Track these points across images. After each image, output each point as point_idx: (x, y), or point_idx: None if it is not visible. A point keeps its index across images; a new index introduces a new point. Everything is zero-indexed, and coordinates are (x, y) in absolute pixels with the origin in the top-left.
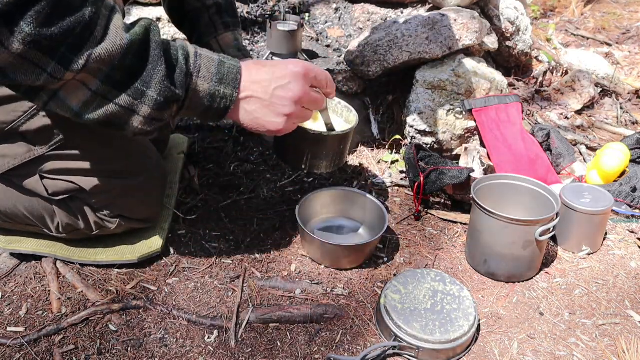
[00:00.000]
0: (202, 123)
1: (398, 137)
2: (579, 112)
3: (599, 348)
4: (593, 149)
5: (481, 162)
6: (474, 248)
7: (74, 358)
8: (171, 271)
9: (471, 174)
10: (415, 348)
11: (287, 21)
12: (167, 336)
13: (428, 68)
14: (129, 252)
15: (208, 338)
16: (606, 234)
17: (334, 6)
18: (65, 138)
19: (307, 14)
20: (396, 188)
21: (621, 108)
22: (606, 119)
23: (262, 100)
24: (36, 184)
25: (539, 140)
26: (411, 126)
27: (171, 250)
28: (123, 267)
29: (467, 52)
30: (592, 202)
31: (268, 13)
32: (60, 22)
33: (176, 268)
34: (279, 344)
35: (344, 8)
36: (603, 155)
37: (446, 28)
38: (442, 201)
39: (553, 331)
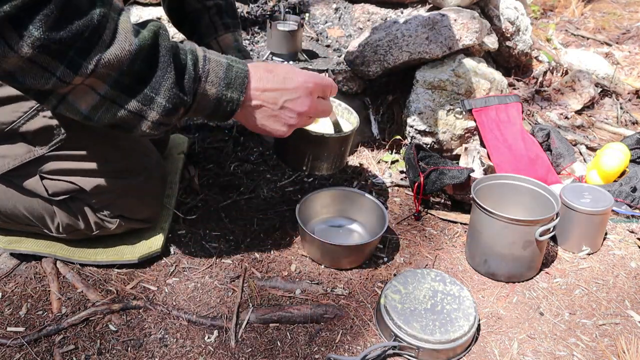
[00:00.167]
0: (202, 123)
1: (398, 137)
2: (579, 112)
3: (599, 348)
4: (593, 149)
5: (481, 162)
6: (474, 248)
7: (74, 358)
8: (171, 271)
9: (471, 174)
10: (415, 348)
11: (287, 21)
12: (167, 336)
13: (428, 68)
14: (129, 252)
15: (208, 338)
16: (606, 234)
17: (334, 6)
18: (65, 138)
19: (307, 14)
20: (396, 188)
21: (621, 108)
22: (606, 119)
23: (271, 110)
24: (36, 185)
25: (539, 140)
26: (411, 126)
27: (171, 250)
28: (123, 267)
29: (467, 52)
30: (592, 202)
31: (268, 13)
32: (69, 26)
33: (176, 268)
34: (279, 344)
35: (344, 8)
36: (603, 155)
37: (446, 28)
38: (442, 201)
39: (553, 331)
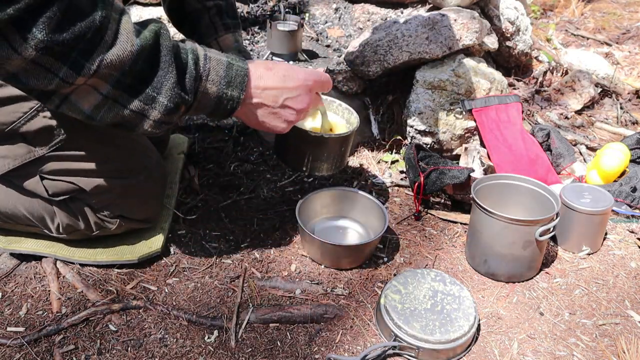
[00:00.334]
0: (203, 123)
1: (398, 137)
2: (579, 112)
3: (599, 348)
4: (593, 149)
5: (481, 162)
6: (474, 248)
7: (74, 358)
8: (171, 271)
9: (471, 174)
10: (415, 348)
11: (287, 21)
12: (167, 336)
13: (428, 68)
14: (129, 252)
15: (208, 338)
16: (606, 234)
17: (334, 6)
18: (65, 139)
19: (307, 14)
20: (396, 188)
21: (621, 108)
22: (606, 119)
23: (272, 108)
24: (36, 185)
25: (539, 140)
26: (411, 126)
27: (171, 250)
28: (123, 267)
29: (467, 52)
30: (592, 202)
31: (268, 13)
32: (71, 28)
33: (176, 268)
34: (279, 344)
35: (344, 8)
36: (603, 155)
37: (446, 28)
38: (442, 201)
39: (553, 331)
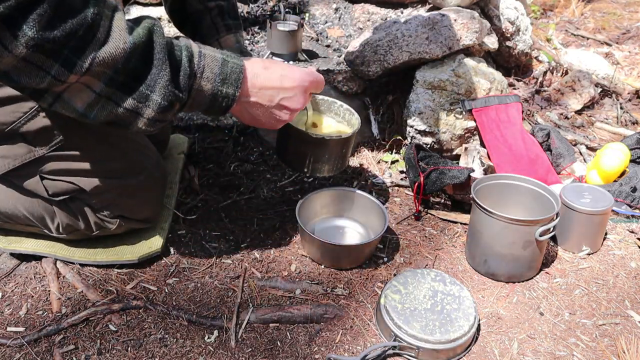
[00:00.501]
0: (203, 123)
1: (398, 137)
2: (579, 112)
3: (599, 348)
4: (593, 149)
5: (481, 162)
6: (474, 248)
7: (74, 358)
8: (171, 271)
9: (471, 174)
10: (415, 348)
11: (287, 21)
12: (167, 336)
13: (428, 68)
14: (129, 252)
15: (208, 338)
16: (606, 234)
17: (334, 6)
18: (65, 139)
19: (307, 14)
20: (396, 188)
21: (621, 108)
22: (606, 119)
23: (267, 107)
24: (36, 185)
25: (539, 140)
26: (411, 126)
27: (171, 250)
28: (123, 267)
29: (467, 52)
30: (592, 202)
31: (268, 13)
32: (62, 25)
33: (176, 268)
34: (279, 344)
35: (344, 8)
36: (603, 155)
37: (446, 28)
38: (442, 201)
39: (553, 331)
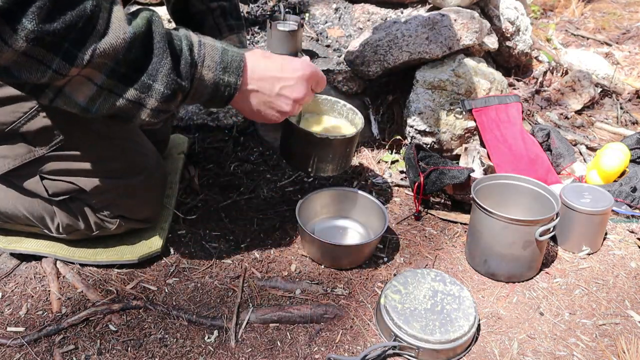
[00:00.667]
0: (203, 123)
1: (398, 137)
2: (579, 112)
3: (599, 348)
4: (593, 149)
5: (481, 162)
6: (474, 248)
7: (74, 358)
8: (171, 271)
9: (471, 174)
10: (415, 348)
11: (287, 21)
12: (167, 336)
13: (428, 68)
14: (129, 252)
15: (208, 338)
16: (606, 234)
17: (334, 6)
18: (65, 138)
19: (307, 14)
20: (396, 188)
21: (621, 108)
22: (606, 119)
23: (268, 96)
24: (36, 185)
25: (539, 140)
26: (411, 126)
27: (171, 250)
28: (123, 267)
29: (467, 52)
30: (592, 202)
31: (268, 13)
32: (62, 17)
33: (176, 268)
34: (279, 344)
35: (344, 8)
36: (603, 155)
37: (446, 28)
38: (442, 201)
39: (553, 331)
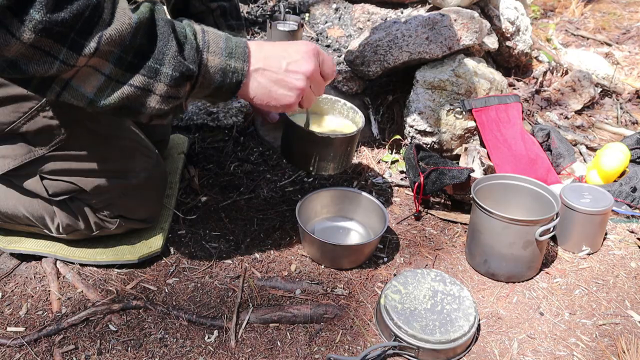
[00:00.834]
0: (203, 123)
1: (398, 137)
2: (579, 112)
3: (599, 348)
4: (593, 149)
5: (481, 162)
6: (474, 248)
7: (74, 358)
8: (171, 271)
9: (471, 174)
10: (415, 348)
11: (287, 21)
12: (167, 336)
13: (428, 68)
14: (129, 252)
15: (208, 338)
16: (606, 234)
17: (334, 6)
18: (65, 138)
19: (307, 14)
20: (396, 188)
21: (621, 108)
22: (606, 119)
23: (276, 73)
24: (36, 185)
25: (539, 140)
26: (411, 126)
27: (171, 250)
28: (123, 267)
29: (467, 52)
30: (592, 202)
31: (268, 13)
32: (69, 7)
33: (176, 268)
34: (279, 344)
35: (344, 8)
36: (603, 155)
37: (446, 28)
38: (442, 201)
39: (553, 331)
